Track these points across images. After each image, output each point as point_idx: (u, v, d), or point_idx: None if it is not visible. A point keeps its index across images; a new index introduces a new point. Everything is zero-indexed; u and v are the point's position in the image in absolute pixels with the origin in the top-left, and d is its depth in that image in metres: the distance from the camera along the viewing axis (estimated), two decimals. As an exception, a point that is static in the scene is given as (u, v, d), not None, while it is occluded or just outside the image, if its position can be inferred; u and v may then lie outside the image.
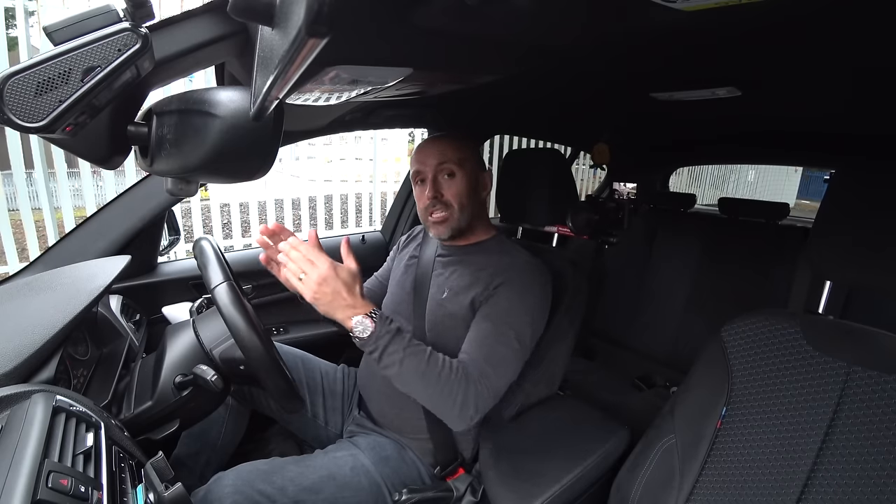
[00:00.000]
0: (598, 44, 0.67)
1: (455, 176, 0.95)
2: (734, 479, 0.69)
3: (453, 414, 0.79)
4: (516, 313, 0.87)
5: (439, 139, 0.99)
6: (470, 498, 0.92)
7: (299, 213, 3.76)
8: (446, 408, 0.79)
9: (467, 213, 0.97)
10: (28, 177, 2.64)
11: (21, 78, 0.40)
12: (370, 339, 0.76)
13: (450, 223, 0.96)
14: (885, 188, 0.62)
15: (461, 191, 0.96)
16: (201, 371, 0.75)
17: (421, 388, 0.79)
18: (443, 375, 0.79)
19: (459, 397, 0.78)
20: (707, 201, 5.83)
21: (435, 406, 0.80)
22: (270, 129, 0.51)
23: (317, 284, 0.73)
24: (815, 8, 0.50)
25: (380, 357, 0.77)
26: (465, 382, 0.79)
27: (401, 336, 0.79)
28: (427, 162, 0.96)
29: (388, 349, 0.77)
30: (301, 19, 0.24)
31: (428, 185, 0.96)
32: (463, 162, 0.96)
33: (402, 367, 0.77)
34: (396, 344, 0.77)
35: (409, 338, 0.80)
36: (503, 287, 0.89)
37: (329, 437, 1.08)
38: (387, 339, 0.77)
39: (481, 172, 1.01)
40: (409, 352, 0.78)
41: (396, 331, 0.78)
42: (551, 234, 2.29)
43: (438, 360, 0.80)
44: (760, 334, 0.73)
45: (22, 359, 0.59)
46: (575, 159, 2.23)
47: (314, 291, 0.74)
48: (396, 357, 0.77)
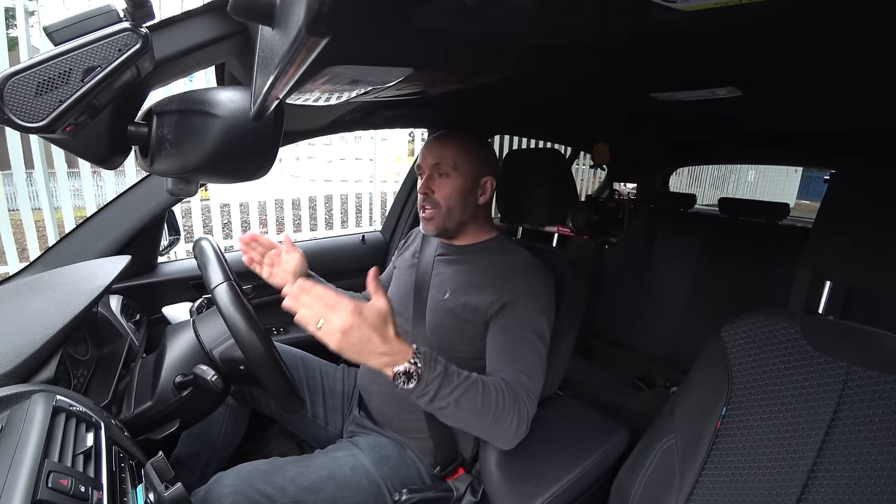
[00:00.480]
0: (599, 44, 0.67)
1: (448, 177, 0.96)
2: (734, 479, 0.69)
3: (508, 436, 0.78)
4: (533, 316, 0.87)
5: (445, 138, 0.99)
6: (470, 498, 0.92)
7: (299, 213, 3.76)
8: (502, 432, 0.77)
9: (455, 215, 0.97)
10: (28, 177, 2.63)
11: (21, 78, 0.40)
12: (418, 388, 0.69)
13: (435, 221, 0.98)
14: (885, 188, 0.62)
15: (450, 193, 0.96)
16: (201, 371, 0.75)
17: (477, 421, 0.75)
18: (497, 403, 0.76)
19: (515, 420, 0.77)
20: (707, 201, 5.83)
21: (490, 433, 0.78)
22: (270, 129, 0.51)
23: (341, 333, 0.62)
24: (815, 8, 0.50)
25: (431, 401, 0.71)
26: (516, 402, 0.78)
27: (450, 376, 0.72)
28: (427, 158, 0.98)
29: (441, 393, 0.71)
30: (301, 19, 0.24)
31: (422, 180, 0.98)
32: (459, 164, 0.96)
33: (458, 408, 0.72)
34: (448, 386, 0.71)
35: (457, 374, 0.74)
36: (514, 295, 0.88)
37: (329, 436, 1.08)
38: (437, 383, 0.70)
39: (483, 176, 1.00)
40: (462, 389, 0.73)
41: (445, 372, 0.72)
42: (551, 234, 2.29)
43: (490, 388, 0.76)
44: (760, 334, 0.73)
45: (22, 359, 0.59)
46: (575, 159, 2.23)
47: (338, 342, 0.63)
48: (451, 399, 0.71)
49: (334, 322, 0.63)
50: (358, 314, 0.63)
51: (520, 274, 0.92)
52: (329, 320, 0.63)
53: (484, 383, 0.76)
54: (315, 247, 1.58)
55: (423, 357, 0.70)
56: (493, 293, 0.89)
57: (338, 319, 0.63)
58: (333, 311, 0.63)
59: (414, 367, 0.68)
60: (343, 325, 0.62)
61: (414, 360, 0.68)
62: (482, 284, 0.92)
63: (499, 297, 0.89)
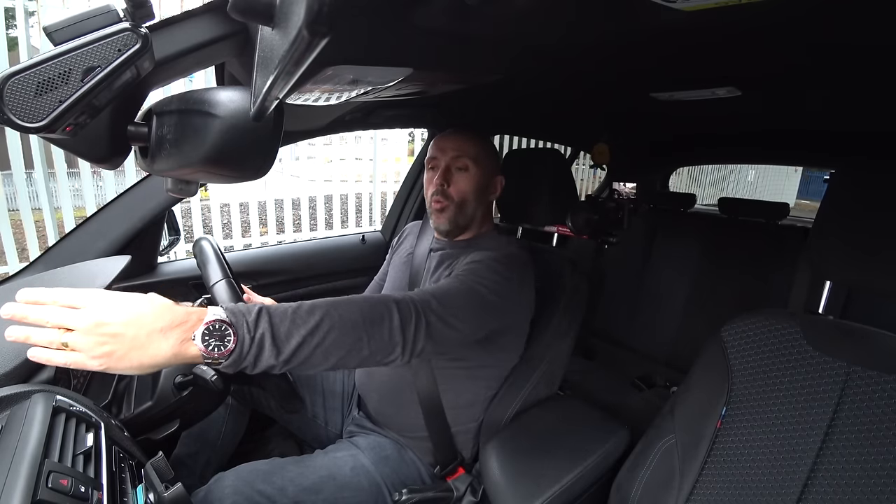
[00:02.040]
0: (598, 44, 0.67)
1: (468, 171, 0.95)
2: (734, 479, 0.69)
3: (394, 341, 0.63)
4: (486, 271, 0.82)
5: (462, 132, 0.98)
6: (470, 498, 0.92)
7: (299, 213, 3.76)
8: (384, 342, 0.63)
9: (468, 211, 0.97)
10: (28, 177, 2.63)
11: (21, 78, 0.40)
12: (241, 341, 0.52)
13: (447, 215, 0.96)
14: (885, 188, 0.62)
15: (468, 187, 0.95)
16: (201, 371, 0.75)
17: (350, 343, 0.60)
18: (364, 307, 0.61)
19: (395, 320, 0.63)
20: (707, 201, 5.83)
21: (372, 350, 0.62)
22: (270, 129, 0.51)
23: (94, 334, 0.47)
24: (816, 8, 0.50)
25: (277, 350, 0.54)
26: (394, 302, 0.65)
27: (277, 309, 0.57)
28: (445, 150, 0.96)
29: (279, 332, 0.55)
30: (301, 19, 0.24)
31: (439, 172, 0.96)
32: (479, 159, 0.95)
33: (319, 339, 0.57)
34: (283, 321, 0.55)
35: (287, 305, 0.59)
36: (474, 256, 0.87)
37: (329, 437, 1.08)
38: (265, 324, 0.54)
39: (495, 175, 1.00)
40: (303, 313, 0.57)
41: (264, 308, 0.56)
42: (551, 234, 2.29)
43: (347, 298, 0.62)
44: (760, 334, 0.73)
45: (22, 359, 0.59)
46: (575, 159, 2.23)
47: (97, 344, 0.47)
48: (302, 333, 0.56)
49: (79, 321, 0.47)
50: (101, 297, 0.49)
51: (491, 249, 0.91)
52: (77, 322, 0.47)
53: (334, 299, 0.62)
54: (315, 247, 1.58)
55: (228, 308, 0.54)
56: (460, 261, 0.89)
57: (81, 315, 0.47)
58: (78, 310, 0.48)
59: (215, 322, 0.52)
60: (90, 317, 0.47)
61: (211, 315, 0.52)
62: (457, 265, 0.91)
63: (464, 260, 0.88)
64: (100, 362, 0.47)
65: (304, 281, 1.45)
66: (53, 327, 0.47)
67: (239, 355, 0.53)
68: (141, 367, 0.49)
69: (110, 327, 0.48)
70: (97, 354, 0.47)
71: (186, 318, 0.51)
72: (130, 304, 0.50)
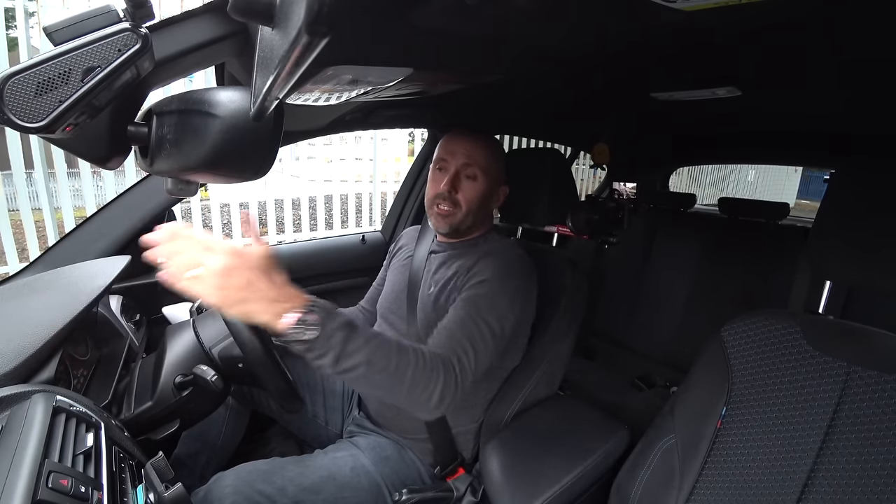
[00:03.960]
0: (599, 43, 0.67)
1: (475, 180, 0.94)
2: (734, 479, 0.69)
3: (429, 406, 0.70)
4: (498, 295, 0.84)
5: (475, 137, 0.96)
6: (470, 498, 0.92)
7: (299, 213, 3.76)
8: (419, 400, 0.69)
9: (471, 218, 0.97)
10: (28, 177, 2.63)
11: (21, 78, 0.40)
12: (319, 340, 0.59)
13: (451, 220, 0.95)
14: (885, 188, 0.62)
15: (475, 196, 0.95)
16: (201, 371, 0.75)
17: (391, 387, 0.67)
18: (416, 367, 0.67)
19: (438, 388, 0.69)
20: (707, 201, 5.83)
21: (407, 401, 0.69)
22: (270, 129, 0.51)
23: (221, 276, 0.53)
24: (816, 8, 0.50)
25: (336, 360, 0.61)
26: (443, 370, 0.71)
27: (356, 329, 0.63)
28: (456, 154, 0.94)
29: (347, 349, 0.61)
30: (301, 19, 0.24)
31: (447, 177, 0.94)
32: (488, 169, 0.95)
33: (370, 368, 0.63)
34: (355, 341, 0.62)
35: (365, 329, 0.65)
36: (484, 270, 0.87)
37: (329, 437, 1.08)
38: (341, 335, 0.61)
39: (502, 184, 1.00)
40: (373, 346, 0.64)
41: (350, 325, 0.63)
42: (551, 234, 2.29)
43: (408, 350, 0.68)
44: (760, 334, 0.73)
45: (22, 359, 0.59)
46: (575, 159, 2.23)
47: (218, 286, 0.54)
48: (361, 358, 0.62)
49: (213, 263, 0.54)
50: (238, 254, 0.56)
51: (496, 256, 0.91)
52: (207, 261, 0.54)
53: (400, 344, 0.68)
54: (315, 247, 1.58)
55: (322, 306, 0.60)
56: (466, 270, 0.90)
57: (217, 259, 0.54)
58: (210, 252, 0.54)
59: (312, 314, 0.58)
60: (224, 264, 0.54)
61: (310, 307, 0.59)
62: (460, 269, 0.92)
63: (469, 272, 0.89)
64: (213, 300, 0.55)
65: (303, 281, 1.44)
66: (189, 260, 0.54)
67: (309, 348, 0.59)
68: (241, 317, 0.57)
69: (233, 280, 0.54)
70: (214, 294, 0.54)
71: (290, 300, 0.58)
72: (257, 268, 0.57)
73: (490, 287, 0.85)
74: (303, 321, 0.58)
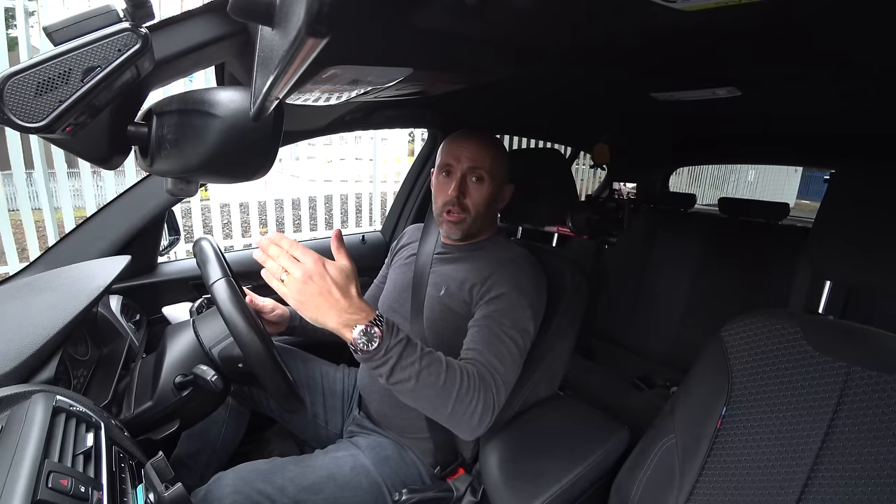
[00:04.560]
0: (599, 44, 0.67)
1: (482, 182, 0.94)
2: (734, 479, 0.69)
3: (472, 424, 0.73)
4: (519, 309, 0.86)
5: (478, 139, 0.95)
6: (470, 498, 0.92)
7: (299, 213, 3.76)
8: (465, 418, 0.72)
9: (480, 221, 0.97)
10: (28, 177, 2.63)
11: (21, 78, 0.40)
12: (377, 351, 0.65)
13: (462, 227, 0.95)
14: (885, 188, 0.62)
15: (483, 199, 0.94)
16: (201, 371, 0.75)
17: (438, 402, 0.70)
18: (461, 385, 0.71)
19: (480, 406, 0.72)
20: (707, 201, 5.83)
21: (451, 418, 0.72)
22: (270, 129, 0.51)
23: (301, 282, 0.61)
24: (816, 8, 0.50)
25: (390, 372, 0.67)
26: (483, 387, 0.74)
27: (412, 345, 0.69)
28: (460, 158, 0.93)
29: (401, 363, 0.66)
30: (301, 19, 0.24)
31: (454, 182, 0.93)
32: (494, 171, 0.94)
33: (419, 383, 0.68)
34: (409, 356, 0.67)
35: (419, 346, 0.70)
36: (501, 282, 0.88)
37: (329, 436, 1.08)
38: (398, 350, 0.66)
39: (505, 184, 1.00)
40: (425, 362, 0.68)
41: (407, 341, 0.68)
42: (551, 234, 2.29)
43: (455, 368, 0.72)
44: (760, 334, 0.73)
45: (22, 359, 0.59)
46: (575, 159, 2.23)
47: (298, 291, 0.62)
48: (412, 371, 0.67)
49: (296, 271, 0.62)
50: (322, 265, 0.63)
51: (510, 266, 0.92)
52: (292, 270, 0.62)
53: (448, 362, 0.72)
54: (315, 247, 1.57)
55: (386, 322, 0.67)
56: (481, 282, 0.90)
57: (300, 268, 0.62)
58: (296, 263, 0.63)
59: (376, 328, 0.65)
60: (305, 272, 0.62)
61: (377, 320, 0.65)
62: (473, 276, 0.92)
63: (485, 285, 0.89)
64: (293, 303, 0.63)
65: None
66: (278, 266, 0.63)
67: (369, 358, 0.66)
68: (314, 322, 0.65)
69: (311, 287, 0.62)
70: (294, 298, 0.63)
71: (360, 313, 0.65)
72: (334, 282, 0.64)
73: (510, 301, 0.86)
74: (367, 333, 0.64)
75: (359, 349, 0.65)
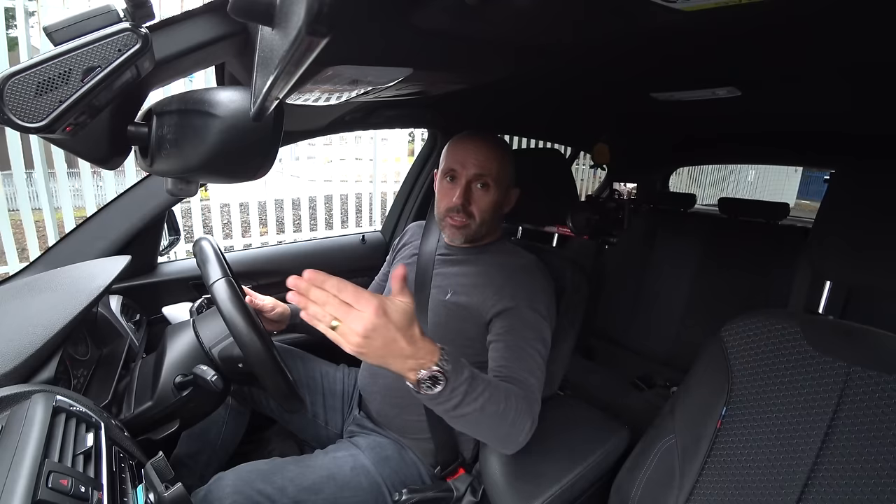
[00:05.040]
0: (599, 44, 0.67)
1: (488, 189, 0.92)
2: (734, 479, 0.69)
3: (521, 440, 0.75)
4: (537, 320, 0.86)
5: (484, 142, 0.93)
6: (470, 498, 0.92)
7: (299, 213, 3.76)
8: (517, 437, 0.74)
9: (486, 227, 0.96)
10: (28, 177, 2.63)
11: (21, 78, 0.40)
12: (443, 393, 0.63)
13: (465, 232, 0.94)
14: (885, 188, 0.62)
15: (488, 206, 0.93)
16: (201, 371, 0.75)
17: (496, 427, 0.71)
18: (516, 408, 0.72)
19: (529, 423, 0.75)
20: (707, 201, 5.83)
21: (504, 439, 0.74)
22: (270, 129, 0.51)
23: (363, 336, 0.55)
24: (816, 8, 0.50)
25: (455, 407, 0.65)
26: (529, 405, 0.75)
27: (475, 380, 0.67)
28: (466, 165, 0.91)
29: (467, 399, 0.65)
30: (301, 19, 0.24)
31: (459, 190, 0.91)
32: (500, 177, 0.93)
33: (483, 414, 0.67)
34: (474, 391, 0.66)
35: (481, 378, 0.69)
36: (517, 294, 0.88)
37: (329, 436, 1.08)
38: (464, 388, 0.64)
39: (511, 188, 0.98)
40: (487, 395, 0.67)
41: (472, 376, 0.66)
42: (551, 234, 2.29)
43: (510, 394, 0.73)
44: (760, 334, 0.73)
45: (22, 359, 0.59)
46: (575, 159, 2.23)
47: (359, 345, 0.55)
48: (477, 405, 0.66)
49: (354, 323, 0.55)
50: (383, 313, 0.56)
51: (522, 276, 0.91)
52: (348, 320, 0.55)
53: (507, 390, 0.73)
54: (315, 247, 1.58)
55: (452, 361, 0.63)
56: (494, 293, 0.89)
57: (359, 320, 0.55)
58: (353, 310, 0.55)
59: (441, 371, 0.61)
60: (366, 326, 0.54)
61: (441, 363, 0.61)
62: (484, 285, 0.91)
63: (501, 298, 0.88)
64: (352, 351, 0.57)
65: (304, 281, 1.44)
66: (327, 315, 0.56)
67: (433, 400, 0.64)
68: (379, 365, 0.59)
69: (375, 340, 0.56)
70: (353, 347, 0.56)
71: (423, 357, 0.61)
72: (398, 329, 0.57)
73: (529, 313, 0.86)
74: (432, 377, 0.61)
75: (423, 392, 0.62)
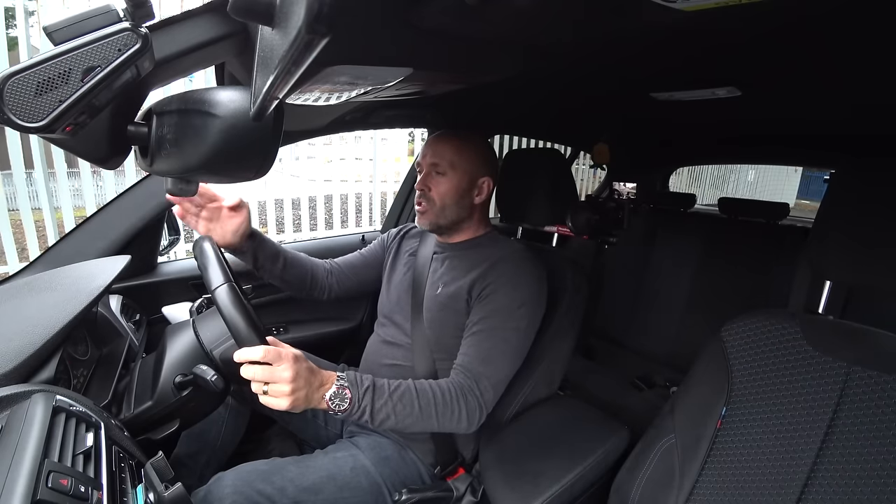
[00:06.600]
0: (598, 44, 0.67)
1: (445, 176, 0.97)
2: (734, 479, 0.69)
3: (462, 427, 0.81)
4: (513, 307, 0.88)
5: (445, 138, 1.00)
6: (470, 498, 0.92)
7: (299, 213, 3.76)
8: (452, 426, 0.81)
9: (449, 213, 0.99)
10: (28, 177, 2.63)
11: (21, 78, 0.40)
12: (351, 406, 0.72)
13: (428, 217, 0.99)
14: (885, 187, 0.62)
15: (445, 191, 0.98)
16: (201, 371, 0.75)
17: (424, 423, 0.78)
18: (438, 402, 0.79)
19: (463, 412, 0.80)
20: (707, 201, 5.83)
21: (441, 429, 0.81)
22: (270, 129, 0.51)
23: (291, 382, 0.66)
24: (815, 8, 0.50)
25: (371, 417, 0.74)
26: (462, 396, 0.81)
27: (380, 388, 0.76)
28: (426, 155, 1.00)
29: (376, 406, 0.74)
30: (301, 19, 0.24)
31: (421, 177, 1.00)
32: (456, 164, 0.97)
33: (398, 416, 0.76)
34: (381, 398, 0.75)
35: (387, 384, 0.77)
36: (494, 281, 0.90)
37: (329, 437, 1.08)
38: (368, 397, 0.74)
39: (481, 177, 1.00)
40: (396, 398, 0.76)
41: (373, 385, 0.76)
42: (551, 234, 2.29)
43: (427, 389, 0.80)
44: (760, 334, 0.73)
45: (22, 359, 0.59)
46: (575, 159, 2.23)
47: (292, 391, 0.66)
48: (388, 410, 0.75)
49: (281, 376, 0.66)
50: (294, 357, 0.67)
51: (504, 264, 0.92)
52: (274, 377, 0.66)
53: (419, 387, 0.79)
54: (315, 247, 1.58)
55: (347, 377, 0.74)
56: (476, 276, 0.92)
57: (284, 372, 0.66)
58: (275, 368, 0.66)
59: (341, 387, 0.72)
60: (291, 372, 0.66)
61: (339, 379, 0.72)
62: (468, 275, 0.93)
63: (481, 284, 0.91)
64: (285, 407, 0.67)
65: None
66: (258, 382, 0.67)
67: (348, 414, 0.73)
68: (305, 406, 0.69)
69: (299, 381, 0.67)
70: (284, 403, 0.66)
71: (327, 381, 0.72)
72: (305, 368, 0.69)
73: (502, 300, 0.88)
74: (338, 395, 0.72)
75: (337, 411, 0.72)
